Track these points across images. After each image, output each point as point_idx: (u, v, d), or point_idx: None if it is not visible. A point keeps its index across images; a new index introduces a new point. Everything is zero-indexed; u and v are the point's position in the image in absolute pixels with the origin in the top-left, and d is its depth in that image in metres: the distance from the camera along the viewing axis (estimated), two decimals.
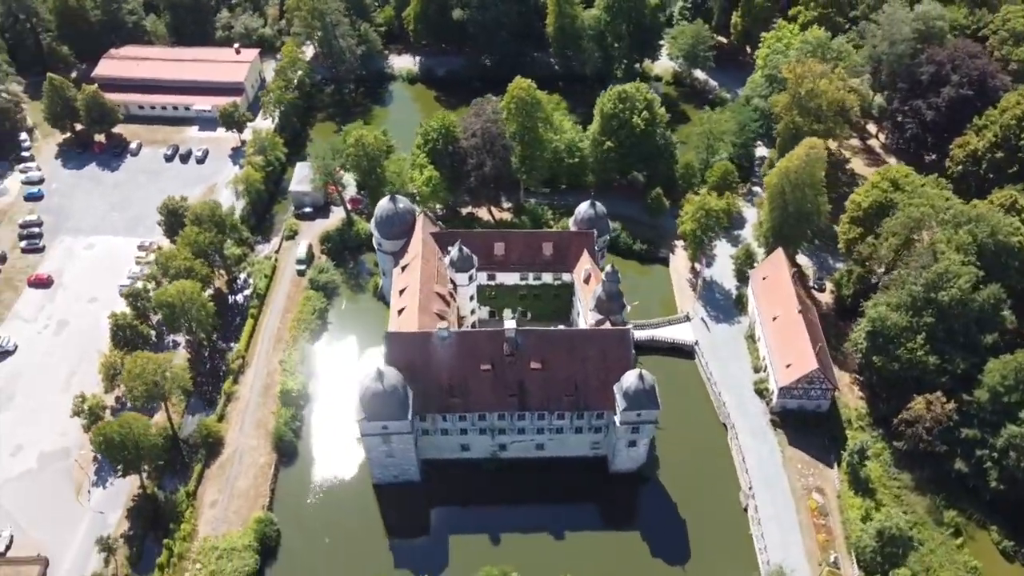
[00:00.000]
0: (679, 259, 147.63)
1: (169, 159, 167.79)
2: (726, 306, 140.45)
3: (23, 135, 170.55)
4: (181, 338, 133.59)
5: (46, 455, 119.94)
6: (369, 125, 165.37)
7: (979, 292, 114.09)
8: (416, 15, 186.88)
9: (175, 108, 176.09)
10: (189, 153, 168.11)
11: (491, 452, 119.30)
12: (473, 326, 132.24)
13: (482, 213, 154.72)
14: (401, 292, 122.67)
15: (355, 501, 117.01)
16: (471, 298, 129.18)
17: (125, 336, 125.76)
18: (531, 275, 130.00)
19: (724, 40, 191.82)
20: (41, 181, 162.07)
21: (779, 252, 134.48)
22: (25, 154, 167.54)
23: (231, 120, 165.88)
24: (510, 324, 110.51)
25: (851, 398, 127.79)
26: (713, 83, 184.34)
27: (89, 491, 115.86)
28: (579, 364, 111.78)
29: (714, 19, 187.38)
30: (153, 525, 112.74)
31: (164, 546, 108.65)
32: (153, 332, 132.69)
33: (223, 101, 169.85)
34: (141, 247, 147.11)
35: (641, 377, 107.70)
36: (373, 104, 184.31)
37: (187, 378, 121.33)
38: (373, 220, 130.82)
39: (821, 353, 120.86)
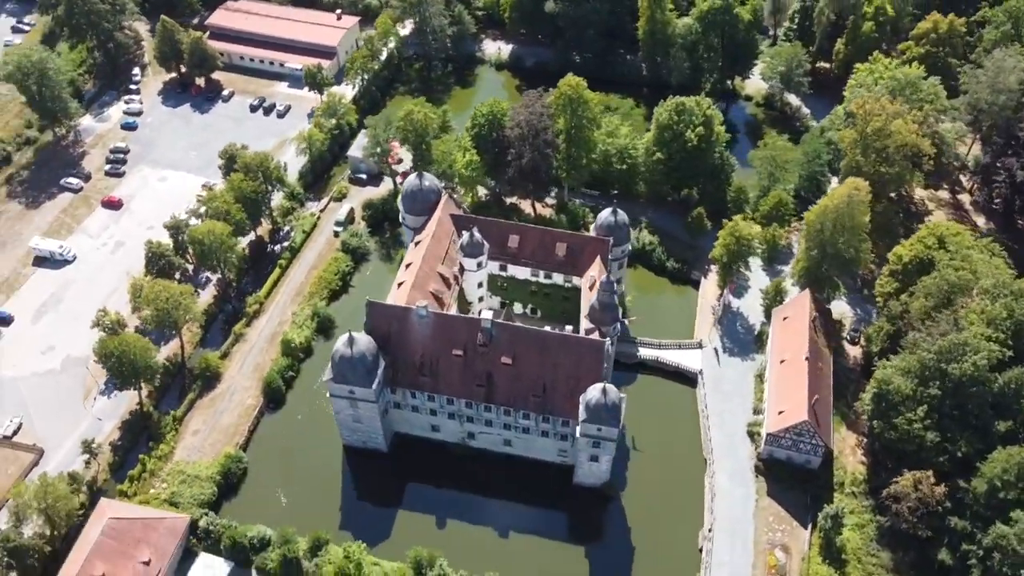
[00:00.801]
0: (710, 283, 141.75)
1: (254, 109, 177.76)
2: (745, 340, 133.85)
3: (136, 70, 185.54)
4: (213, 276, 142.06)
5: (70, 359, 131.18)
6: (442, 105, 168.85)
7: (1002, 373, 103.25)
8: (512, 3, 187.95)
9: (270, 63, 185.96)
10: (272, 107, 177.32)
11: (460, 438, 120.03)
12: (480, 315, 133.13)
13: (525, 206, 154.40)
14: (407, 267, 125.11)
15: (324, 457, 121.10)
16: (479, 285, 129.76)
17: (158, 264, 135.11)
18: (542, 273, 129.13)
19: (827, 66, 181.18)
20: (139, 114, 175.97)
21: (806, 294, 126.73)
22: (133, 87, 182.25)
23: (314, 81, 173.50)
24: (486, 313, 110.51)
25: (852, 461, 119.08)
26: (806, 110, 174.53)
27: (95, 398, 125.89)
28: (550, 367, 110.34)
29: (816, 43, 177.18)
30: (140, 440, 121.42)
31: (139, 461, 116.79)
32: (190, 266, 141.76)
33: (313, 62, 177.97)
34: (203, 186, 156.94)
35: (605, 392, 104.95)
36: (457, 85, 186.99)
37: (198, 312, 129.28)
38: (400, 194, 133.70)
39: (818, 405, 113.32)
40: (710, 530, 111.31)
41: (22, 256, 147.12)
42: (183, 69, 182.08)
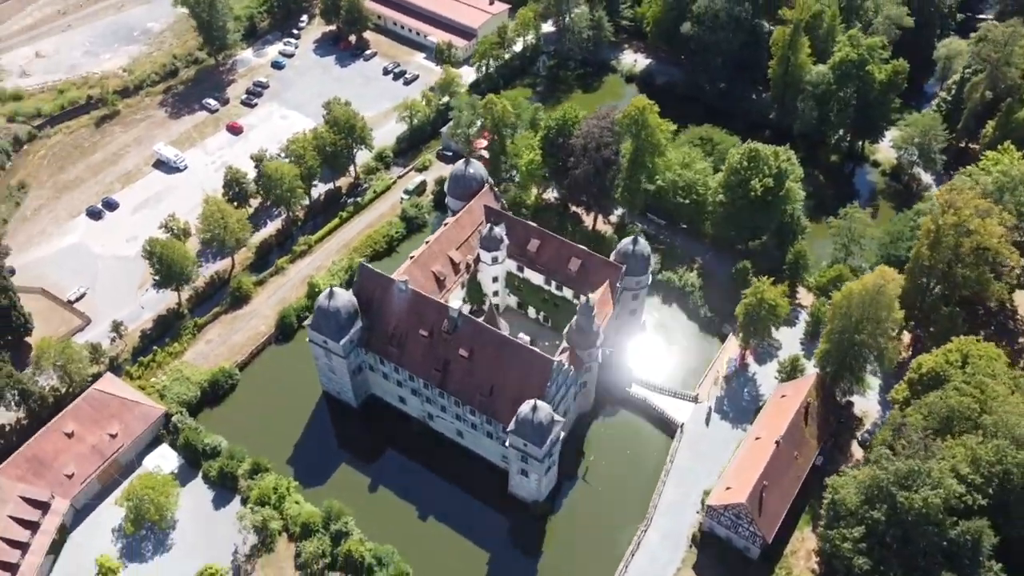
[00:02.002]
0: (735, 341, 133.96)
1: (386, 72, 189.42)
2: (746, 408, 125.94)
3: (304, 18, 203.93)
4: (282, 212, 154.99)
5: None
6: (559, 104, 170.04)
7: (961, 522, 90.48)
8: (655, 18, 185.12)
9: (416, 33, 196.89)
10: (403, 73, 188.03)
11: (422, 415, 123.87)
12: (497, 309, 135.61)
13: (588, 218, 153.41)
14: (426, 243, 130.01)
15: (303, 397, 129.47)
16: (494, 279, 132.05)
17: (234, 189, 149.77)
18: (555, 283, 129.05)
19: (975, 147, 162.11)
20: (291, 56, 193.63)
21: (811, 378, 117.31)
22: (295, 32, 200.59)
23: (441, 57, 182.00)
24: (455, 304, 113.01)
25: (802, 565, 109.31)
26: (934, 190, 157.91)
27: (147, 290, 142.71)
28: (501, 371, 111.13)
29: (962, 121, 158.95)
30: (165, 335, 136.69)
31: (153, 351, 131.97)
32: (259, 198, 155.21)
33: (453, 40, 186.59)
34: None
35: (535, 409, 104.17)
36: (580, 88, 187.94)
37: (248, 239, 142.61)
38: (449, 176, 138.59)
39: (769, 493, 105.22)
40: None
41: (147, 156, 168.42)
42: (339, 25, 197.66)
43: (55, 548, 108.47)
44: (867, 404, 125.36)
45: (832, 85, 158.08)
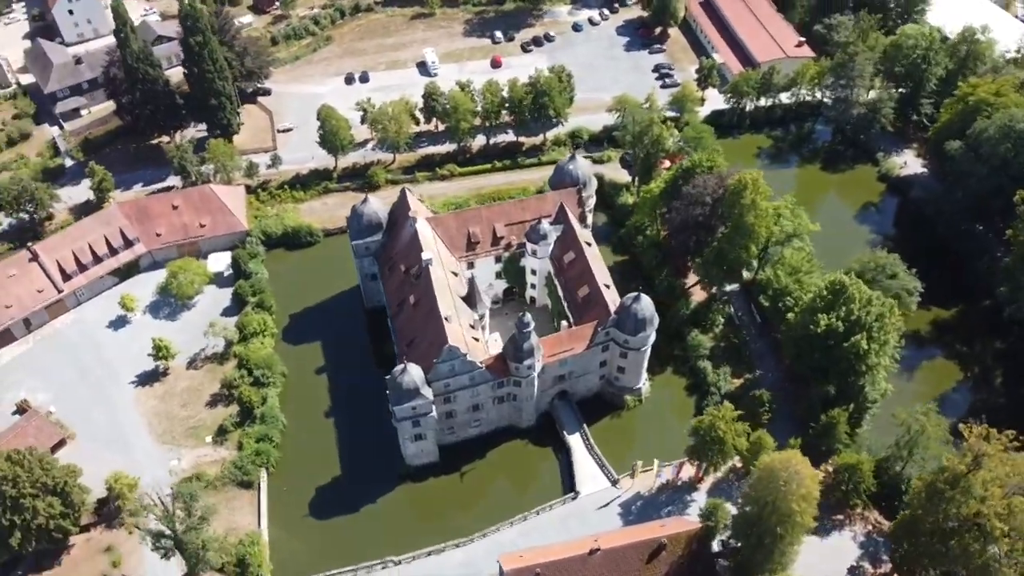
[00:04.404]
0: None
1: (655, 70, 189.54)
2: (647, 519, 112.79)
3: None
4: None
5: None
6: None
7: None
8: (942, 124, 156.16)
9: (710, 45, 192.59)
10: (669, 76, 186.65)
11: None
12: (533, 303, 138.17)
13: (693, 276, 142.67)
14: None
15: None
16: (532, 272, 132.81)
17: (428, 103, 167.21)
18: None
19: None
20: (595, 24, 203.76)
21: (695, 527, 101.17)
22: (616, 5, 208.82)
23: (705, 75, 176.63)
24: (427, 256, 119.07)
25: None
26: None
27: (312, 157, 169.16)
28: (422, 331, 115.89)
29: None
30: (303, 183, 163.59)
31: (284, 189, 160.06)
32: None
33: (740, 67, 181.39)
34: None
35: (404, 371, 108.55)
36: (820, 163, 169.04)
37: (404, 140, 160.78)
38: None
39: None
40: None
41: (419, 55, 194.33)
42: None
43: (118, 273, 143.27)
44: None
45: None
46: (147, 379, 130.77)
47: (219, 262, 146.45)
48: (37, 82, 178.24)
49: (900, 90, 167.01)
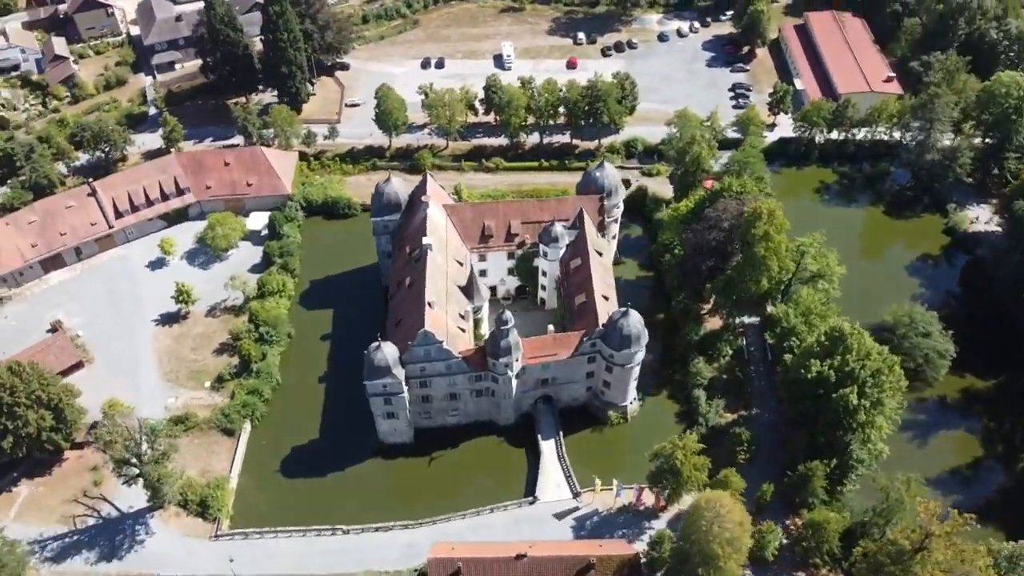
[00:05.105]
0: None
1: (732, 89, 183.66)
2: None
3: (728, 13, 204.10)
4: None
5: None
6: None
7: None
8: (1018, 185, 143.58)
9: (795, 69, 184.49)
10: (744, 96, 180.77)
11: None
12: (543, 303, 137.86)
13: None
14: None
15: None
16: (543, 273, 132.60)
17: (488, 95, 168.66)
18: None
19: None
20: (683, 36, 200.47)
21: (631, 553, 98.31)
22: (708, 20, 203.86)
23: (778, 99, 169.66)
24: (428, 240, 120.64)
25: None
26: None
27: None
28: (407, 314, 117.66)
29: None
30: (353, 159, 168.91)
31: (335, 161, 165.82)
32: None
33: (818, 96, 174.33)
34: None
35: (377, 349, 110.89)
36: (884, 206, 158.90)
37: (456, 128, 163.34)
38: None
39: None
40: None
41: (491, 50, 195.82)
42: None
43: (167, 217, 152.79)
44: None
45: None
46: (168, 320, 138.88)
47: (258, 221, 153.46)
48: (141, 34, 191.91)
49: (986, 140, 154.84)
